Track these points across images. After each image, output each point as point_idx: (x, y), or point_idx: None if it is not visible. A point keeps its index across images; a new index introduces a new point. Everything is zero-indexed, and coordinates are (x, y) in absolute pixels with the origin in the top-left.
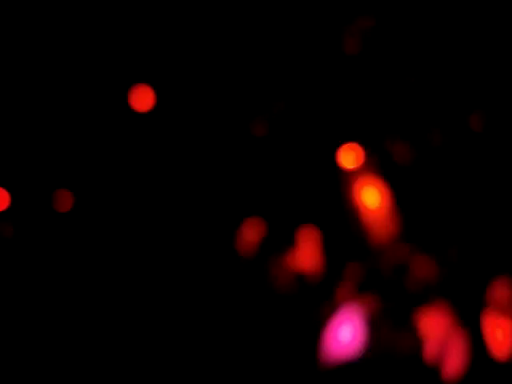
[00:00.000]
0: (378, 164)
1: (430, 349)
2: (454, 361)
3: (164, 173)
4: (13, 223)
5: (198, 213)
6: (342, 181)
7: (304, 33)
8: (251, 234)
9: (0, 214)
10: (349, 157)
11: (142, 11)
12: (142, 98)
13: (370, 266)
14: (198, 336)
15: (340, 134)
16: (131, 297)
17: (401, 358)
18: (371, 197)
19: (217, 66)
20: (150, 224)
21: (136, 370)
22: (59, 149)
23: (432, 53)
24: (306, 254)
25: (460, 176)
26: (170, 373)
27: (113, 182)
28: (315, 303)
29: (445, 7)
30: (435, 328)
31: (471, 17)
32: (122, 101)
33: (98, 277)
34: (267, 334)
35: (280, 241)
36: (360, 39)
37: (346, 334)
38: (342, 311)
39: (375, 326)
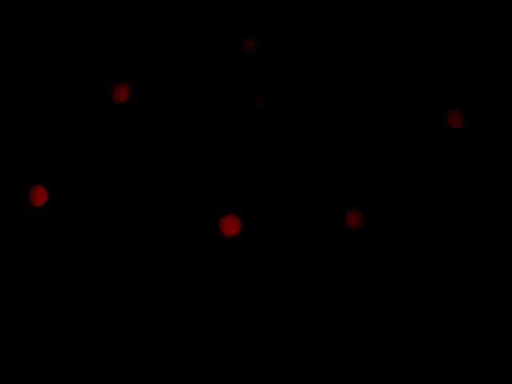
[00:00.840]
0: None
1: None
2: None
3: (143, 166)
4: None
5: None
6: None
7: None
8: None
9: None
10: None
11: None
12: (119, 90)
13: None
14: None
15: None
16: (111, 292)
17: None
18: None
19: (197, 59)
20: (132, 218)
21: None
22: (34, 142)
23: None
24: None
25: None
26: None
27: (91, 175)
28: None
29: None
30: None
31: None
32: (99, 93)
33: (80, 272)
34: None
35: None
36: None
37: None
38: None
39: None
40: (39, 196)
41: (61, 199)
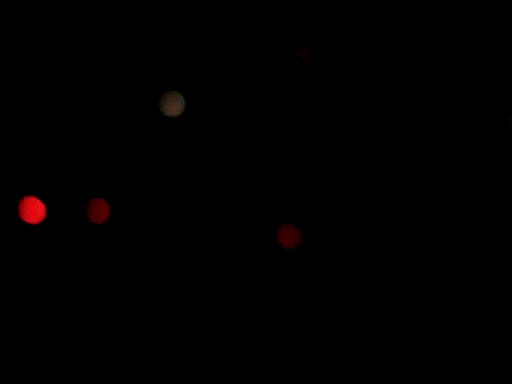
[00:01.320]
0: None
1: None
2: None
3: (203, 182)
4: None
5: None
6: None
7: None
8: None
9: (37, 227)
10: None
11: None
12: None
13: None
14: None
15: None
16: (154, 306)
17: None
18: None
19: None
20: (189, 236)
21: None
22: (92, 156)
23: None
24: None
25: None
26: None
27: (148, 188)
28: None
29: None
30: None
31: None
32: (151, 105)
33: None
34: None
35: None
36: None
37: None
38: None
39: None
40: (99, 212)
41: (122, 216)
